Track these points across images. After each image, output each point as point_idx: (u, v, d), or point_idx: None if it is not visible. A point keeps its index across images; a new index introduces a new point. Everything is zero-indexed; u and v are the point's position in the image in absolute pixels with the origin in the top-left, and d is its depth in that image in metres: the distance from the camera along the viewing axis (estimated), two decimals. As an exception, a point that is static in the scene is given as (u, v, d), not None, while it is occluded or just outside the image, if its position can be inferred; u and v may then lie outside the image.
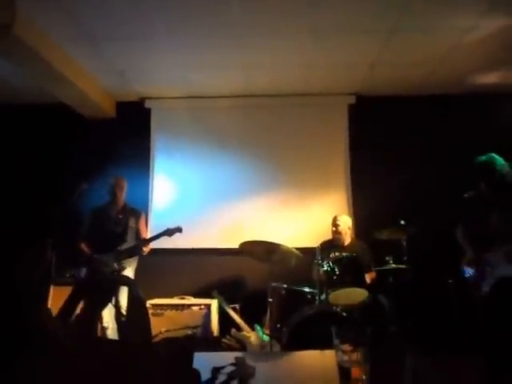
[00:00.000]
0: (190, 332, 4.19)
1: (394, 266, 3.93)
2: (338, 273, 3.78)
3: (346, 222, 4.52)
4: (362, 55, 4.34)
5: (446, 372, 2.68)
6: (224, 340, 4.20)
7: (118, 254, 4.08)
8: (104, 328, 4.14)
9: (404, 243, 4.01)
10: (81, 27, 3.76)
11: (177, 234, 4.18)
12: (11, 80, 4.68)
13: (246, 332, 4.18)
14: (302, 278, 4.10)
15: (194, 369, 1.59)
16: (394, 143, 5.03)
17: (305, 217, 5.10)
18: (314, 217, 5.07)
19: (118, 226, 4.25)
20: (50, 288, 4.11)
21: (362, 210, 4.96)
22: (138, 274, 4.33)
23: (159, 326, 4.22)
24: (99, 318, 4.04)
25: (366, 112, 5.11)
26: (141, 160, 5.21)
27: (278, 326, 3.74)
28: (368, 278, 4.12)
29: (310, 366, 2.20)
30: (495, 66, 4.53)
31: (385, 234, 4.13)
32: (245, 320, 4.33)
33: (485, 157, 3.15)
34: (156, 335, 4.11)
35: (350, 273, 3.85)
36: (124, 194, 4.40)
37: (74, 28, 3.76)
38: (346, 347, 2.58)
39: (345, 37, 3.97)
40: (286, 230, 4.97)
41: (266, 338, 3.93)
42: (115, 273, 4.05)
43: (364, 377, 2.35)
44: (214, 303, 4.54)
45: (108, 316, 4.14)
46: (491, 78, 4.77)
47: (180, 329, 4.23)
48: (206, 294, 4.64)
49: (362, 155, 5.09)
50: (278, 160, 5.19)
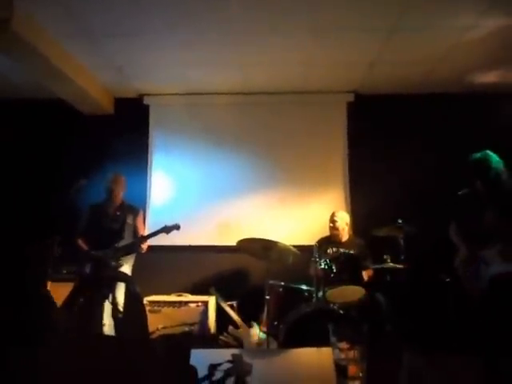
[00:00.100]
0: (187, 329, 4.20)
1: (391, 264, 3.93)
2: (335, 270, 3.80)
3: (344, 219, 4.52)
4: (361, 54, 4.33)
5: (443, 371, 2.69)
6: (221, 337, 4.20)
7: (116, 250, 4.07)
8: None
9: (401, 242, 4.02)
10: (79, 23, 3.75)
11: (174, 231, 4.17)
12: (10, 75, 4.66)
13: (243, 329, 4.18)
14: (299, 276, 4.11)
15: (191, 365, 1.59)
16: (392, 141, 5.03)
17: (303, 214, 5.10)
18: (312, 214, 5.07)
19: (115, 223, 4.23)
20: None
21: (360, 208, 4.96)
22: (135, 270, 4.33)
23: (156, 323, 4.22)
24: (101, 313, 4.03)
25: (365, 110, 5.11)
26: (139, 156, 5.21)
27: (275, 323, 3.75)
28: (365, 275, 4.13)
29: (306, 364, 2.20)
30: (495, 66, 4.54)
31: (382, 232, 4.13)
32: (242, 317, 4.33)
33: (480, 154, 3.14)
34: (153, 332, 4.12)
35: (348, 270, 3.86)
36: (122, 191, 4.38)
37: (72, 24, 3.75)
38: (343, 345, 2.57)
39: (344, 35, 3.97)
40: (284, 227, 4.98)
41: (263, 336, 3.94)
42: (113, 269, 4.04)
43: (361, 374, 2.35)
44: (211, 300, 4.54)
45: (105, 312, 4.13)
46: (490, 78, 4.77)
47: (177, 326, 4.23)
48: (204, 291, 4.64)
49: (361, 153, 5.09)
50: (276, 157, 5.19)
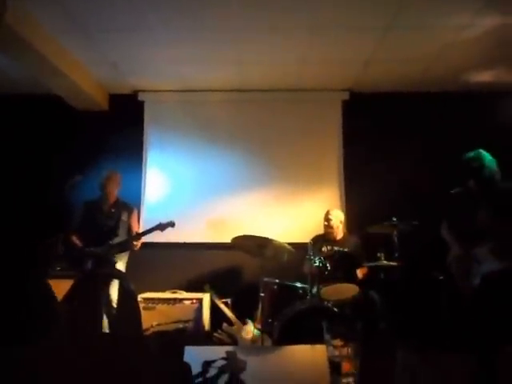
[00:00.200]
0: (181, 326, 4.19)
1: (385, 262, 3.94)
2: (329, 268, 3.81)
3: (338, 217, 4.53)
4: (356, 52, 4.33)
5: (436, 368, 2.70)
6: (215, 334, 4.20)
7: (110, 247, 4.06)
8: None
9: (395, 239, 4.04)
10: (74, 19, 3.72)
11: (169, 228, 4.16)
12: (5, 71, 4.61)
13: (238, 326, 4.19)
14: (293, 273, 4.12)
15: (185, 362, 1.59)
16: (387, 140, 5.03)
17: (297, 212, 5.10)
18: (307, 212, 5.07)
19: (110, 220, 4.22)
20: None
21: (355, 206, 4.97)
22: (129, 267, 4.32)
23: (151, 320, 4.21)
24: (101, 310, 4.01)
25: (360, 108, 5.11)
26: (133, 153, 5.18)
27: (270, 320, 3.75)
28: (360, 273, 4.14)
29: (300, 361, 2.21)
30: (490, 64, 4.55)
31: (376, 229, 4.14)
32: (236, 314, 4.33)
33: (473, 153, 3.15)
34: (147, 329, 4.11)
35: (342, 268, 3.87)
36: (117, 188, 4.36)
37: (66, 20, 3.72)
38: (337, 342, 2.59)
39: (339, 33, 3.96)
40: (279, 225, 4.98)
41: (257, 333, 3.94)
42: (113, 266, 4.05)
43: (354, 371, 2.36)
44: (205, 297, 4.54)
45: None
46: (486, 76, 4.78)
47: (171, 323, 4.23)
48: (198, 289, 4.63)
49: (356, 151, 5.09)
50: (270, 155, 5.18)
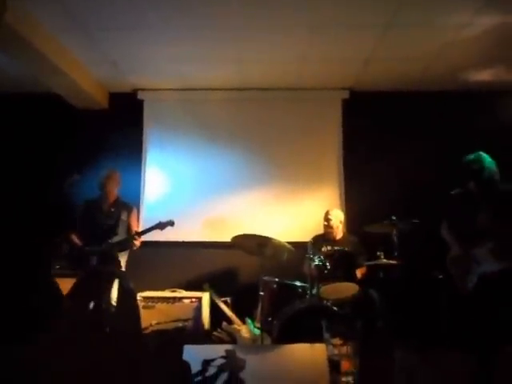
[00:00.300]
0: (180, 325, 4.19)
1: (384, 261, 3.94)
2: (329, 267, 3.81)
3: (338, 217, 4.53)
4: (356, 50, 4.33)
5: (435, 367, 2.70)
6: (215, 333, 4.21)
7: (110, 246, 4.06)
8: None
9: (395, 239, 4.03)
10: (74, 17, 3.71)
11: (168, 227, 4.16)
12: (5, 69, 4.60)
13: (237, 325, 4.19)
14: (293, 272, 4.12)
15: (184, 361, 1.59)
16: (387, 139, 5.02)
17: (297, 211, 5.10)
18: (307, 211, 5.07)
19: (109, 219, 4.21)
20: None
21: (355, 205, 4.96)
22: (129, 266, 4.31)
23: (150, 319, 4.21)
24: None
25: (360, 107, 5.11)
26: (133, 151, 5.17)
27: (269, 319, 3.75)
28: (359, 273, 4.14)
29: (300, 360, 2.21)
30: (489, 63, 4.54)
31: (376, 228, 4.14)
32: (236, 313, 4.34)
33: (473, 155, 3.18)
34: (146, 328, 4.11)
35: (341, 267, 3.87)
36: (117, 187, 4.35)
37: (66, 18, 3.71)
38: (336, 341, 2.59)
39: (340, 32, 3.96)
40: (278, 224, 4.97)
41: (256, 332, 3.94)
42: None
43: (354, 370, 2.36)
44: (205, 296, 4.54)
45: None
46: (485, 75, 4.78)
47: (171, 321, 4.23)
48: (198, 287, 4.63)
49: (355, 150, 5.09)
50: (270, 154, 5.18)
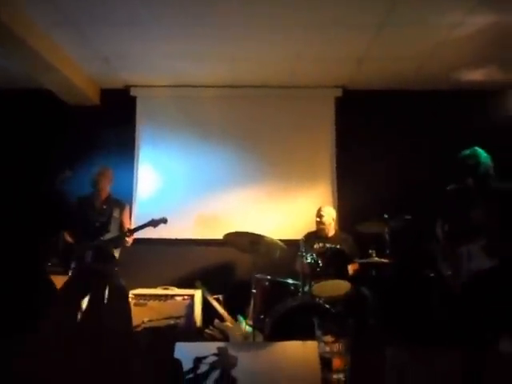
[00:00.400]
0: (172, 322, 4.18)
1: (376, 259, 3.96)
2: (321, 265, 3.82)
3: (330, 214, 4.54)
4: (350, 49, 4.33)
5: (426, 364, 2.72)
6: (207, 330, 4.20)
7: (102, 243, 4.04)
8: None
9: (387, 237, 4.05)
10: (66, 14, 3.68)
11: (161, 224, 4.15)
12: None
13: (229, 323, 4.19)
14: (285, 270, 4.12)
15: (176, 358, 1.59)
16: (380, 137, 5.05)
17: (289, 209, 5.10)
18: (299, 209, 5.08)
19: (101, 217, 4.18)
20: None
21: (347, 203, 4.97)
22: (121, 263, 4.29)
23: (142, 316, 4.20)
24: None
25: (353, 105, 5.12)
26: (125, 148, 5.14)
27: (261, 316, 3.76)
28: (351, 268, 4.14)
29: (292, 357, 2.21)
30: (482, 63, 4.57)
31: (367, 227, 4.16)
32: (228, 311, 4.34)
33: (468, 151, 3.19)
34: (138, 325, 4.10)
35: (334, 265, 3.89)
36: (109, 184, 4.33)
37: (58, 15, 3.68)
38: (328, 338, 2.59)
39: (334, 31, 3.96)
40: (271, 221, 4.98)
41: (249, 329, 3.95)
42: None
43: (345, 367, 2.37)
44: (197, 294, 4.53)
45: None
46: (478, 75, 4.80)
47: (163, 319, 4.22)
48: (190, 285, 4.62)
49: (348, 148, 5.10)
50: (263, 152, 5.18)
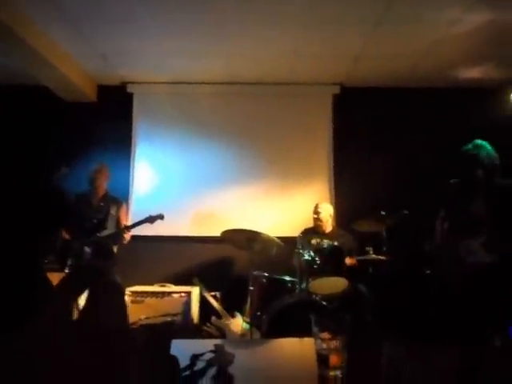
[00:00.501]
0: (169, 319, 4.18)
1: (373, 256, 3.97)
2: (318, 262, 3.82)
3: (328, 210, 4.55)
4: (346, 47, 4.32)
5: (423, 361, 2.72)
6: (204, 327, 4.20)
7: (99, 240, 4.03)
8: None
9: (384, 234, 4.06)
10: (63, 11, 3.66)
11: (158, 220, 4.14)
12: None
13: (226, 320, 4.19)
14: (282, 267, 4.13)
15: (172, 355, 1.58)
16: (377, 134, 5.05)
17: (287, 206, 5.11)
18: (296, 206, 5.08)
19: (98, 214, 4.20)
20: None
21: (345, 200, 4.98)
22: (118, 260, 4.29)
23: (139, 314, 4.18)
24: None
25: (351, 102, 5.12)
26: (122, 145, 5.12)
27: (258, 313, 3.77)
28: (348, 261, 4.10)
29: (289, 354, 2.21)
30: (478, 61, 4.57)
31: (364, 226, 4.16)
32: (225, 308, 4.34)
33: (470, 144, 3.14)
34: (135, 322, 4.08)
35: (331, 262, 3.88)
36: (106, 181, 4.33)
37: (56, 11, 3.66)
38: (325, 335, 2.59)
39: (331, 28, 3.95)
40: (268, 218, 4.98)
41: (246, 326, 3.95)
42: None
43: (342, 364, 2.37)
44: (194, 291, 4.53)
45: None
46: (474, 73, 4.80)
47: (160, 316, 4.21)
48: (187, 282, 4.62)
49: (346, 145, 5.10)
50: (260, 149, 5.17)
